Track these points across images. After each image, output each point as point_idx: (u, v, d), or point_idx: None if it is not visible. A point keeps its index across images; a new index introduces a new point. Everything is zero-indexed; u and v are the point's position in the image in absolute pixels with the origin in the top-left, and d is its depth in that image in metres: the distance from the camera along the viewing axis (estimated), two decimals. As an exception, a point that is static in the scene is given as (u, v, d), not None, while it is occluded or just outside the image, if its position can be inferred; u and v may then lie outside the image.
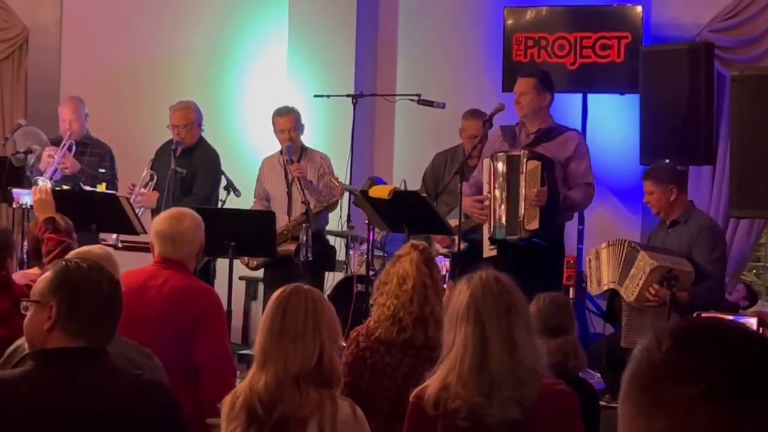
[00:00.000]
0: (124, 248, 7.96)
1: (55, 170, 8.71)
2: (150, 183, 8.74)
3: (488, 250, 7.65)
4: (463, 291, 3.86)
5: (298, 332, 3.75)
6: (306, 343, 3.74)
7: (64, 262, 3.41)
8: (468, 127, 8.62)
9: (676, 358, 1.59)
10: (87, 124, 9.19)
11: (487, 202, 7.60)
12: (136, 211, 8.30)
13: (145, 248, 8.24)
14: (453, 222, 7.65)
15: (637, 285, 7.03)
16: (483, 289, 3.83)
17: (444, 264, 5.49)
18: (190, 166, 8.67)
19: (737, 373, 1.55)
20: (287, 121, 8.69)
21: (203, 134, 8.94)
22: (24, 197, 7.63)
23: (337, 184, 8.51)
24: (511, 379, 3.76)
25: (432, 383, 3.85)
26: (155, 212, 8.28)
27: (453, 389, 3.78)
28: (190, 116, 8.84)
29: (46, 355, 3.29)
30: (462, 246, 7.63)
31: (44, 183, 8.13)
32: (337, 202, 8.63)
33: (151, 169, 8.80)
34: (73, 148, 8.88)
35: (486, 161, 7.67)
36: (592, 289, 7.49)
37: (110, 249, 4.66)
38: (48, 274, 3.40)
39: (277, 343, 3.76)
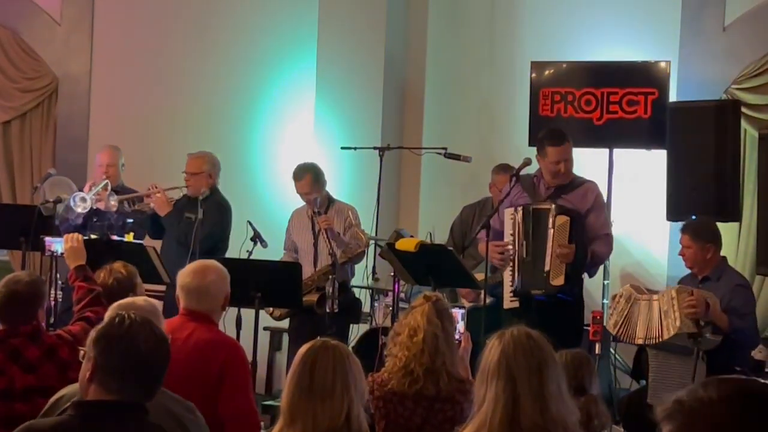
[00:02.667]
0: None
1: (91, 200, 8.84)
2: (173, 198, 8.88)
3: (509, 302, 7.64)
4: (495, 347, 3.86)
5: (327, 389, 3.74)
6: (335, 401, 3.73)
7: (115, 316, 3.43)
8: (498, 181, 8.65)
9: (751, 418, 1.59)
10: (122, 174, 9.29)
11: (509, 251, 7.57)
12: (141, 206, 8.72)
13: (159, 297, 8.36)
14: (479, 276, 7.64)
15: (675, 311, 6.97)
16: (515, 346, 3.82)
17: (455, 313, 5.51)
18: (204, 214, 8.70)
19: None
20: (303, 185, 8.68)
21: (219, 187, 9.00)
22: (55, 245, 7.67)
23: (362, 236, 8.52)
24: None
25: None
26: (181, 264, 8.33)
27: None
28: (201, 166, 8.93)
29: (82, 406, 3.30)
30: (488, 300, 7.63)
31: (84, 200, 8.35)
32: (363, 253, 8.63)
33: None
34: (109, 187, 8.97)
35: (509, 211, 7.64)
36: (609, 325, 7.41)
37: (156, 302, 4.64)
38: (99, 325, 3.44)
39: (306, 401, 3.74)
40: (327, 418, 3.72)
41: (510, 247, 7.57)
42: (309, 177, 8.69)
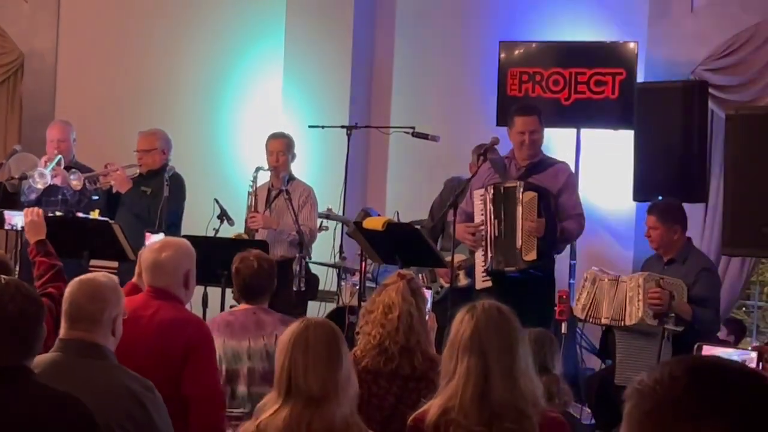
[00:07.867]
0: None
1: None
2: (130, 175, 8.86)
3: (482, 282, 7.65)
4: (466, 321, 3.88)
5: (348, 365, 3.79)
6: (353, 373, 3.81)
7: None
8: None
9: (695, 396, 1.60)
10: (74, 149, 9.20)
11: (481, 231, 7.60)
12: (100, 185, 8.70)
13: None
14: (461, 257, 7.66)
15: (639, 300, 7.02)
16: (486, 321, 3.85)
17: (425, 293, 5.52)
18: (155, 187, 8.68)
19: (757, 412, 1.57)
20: (277, 143, 8.76)
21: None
22: (15, 218, 7.62)
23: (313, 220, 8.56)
24: (512, 412, 3.79)
25: (432, 408, 3.86)
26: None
27: (454, 418, 3.80)
28: (153, 143, 8.92)
29: None
30: (465, 282, 7.64)
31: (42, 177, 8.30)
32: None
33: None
34: (62, 163, 8.89)
35: (478, 192, 7.66)
36: (577, 309, 7.45)
37: (115, 278, 4.59)
38: None
39: (334, 379, 3.73)
40: (352, 389, 3.78)
41: (482, 227, 7.59)
42: (286, 140, 8.80)
